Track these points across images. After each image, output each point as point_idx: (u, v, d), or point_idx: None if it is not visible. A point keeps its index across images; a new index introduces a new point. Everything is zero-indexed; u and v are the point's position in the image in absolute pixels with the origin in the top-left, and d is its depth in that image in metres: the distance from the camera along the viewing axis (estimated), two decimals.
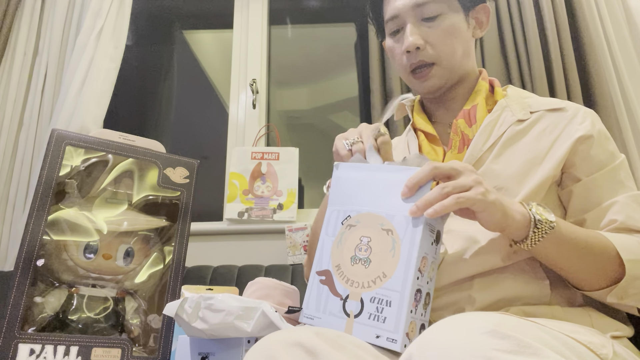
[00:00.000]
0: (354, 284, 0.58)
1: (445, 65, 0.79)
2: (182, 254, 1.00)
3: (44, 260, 0.90)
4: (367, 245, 0.60)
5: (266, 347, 0.50)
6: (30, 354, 0.82)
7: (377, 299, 0.56)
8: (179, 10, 2.31)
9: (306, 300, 0.63)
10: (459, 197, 0.56)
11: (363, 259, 0.59)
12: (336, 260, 0.62)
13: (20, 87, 1.81)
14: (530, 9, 1.66)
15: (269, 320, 0.71)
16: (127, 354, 0.89)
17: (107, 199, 0.99)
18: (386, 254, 0.57)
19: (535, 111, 0.78)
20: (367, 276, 0.58)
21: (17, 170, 1.72)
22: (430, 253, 0.58)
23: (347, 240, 0.62)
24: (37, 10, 1.89)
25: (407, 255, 0.56)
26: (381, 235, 0.59)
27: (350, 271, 0.60)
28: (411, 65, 0.80)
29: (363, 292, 0.57)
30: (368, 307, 0.56)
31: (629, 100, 1.60)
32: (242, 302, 0.73)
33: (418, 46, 0.78)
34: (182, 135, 2.24)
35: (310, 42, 2.26)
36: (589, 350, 0.49)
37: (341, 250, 0.62)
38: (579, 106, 0.78)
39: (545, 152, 0.73)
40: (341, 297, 0.59)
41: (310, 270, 0.80)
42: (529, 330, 0.44)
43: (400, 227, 0.57)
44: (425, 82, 0.80)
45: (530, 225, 0.60)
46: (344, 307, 0.58)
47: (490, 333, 0.41)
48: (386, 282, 0.56)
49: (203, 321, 0.73)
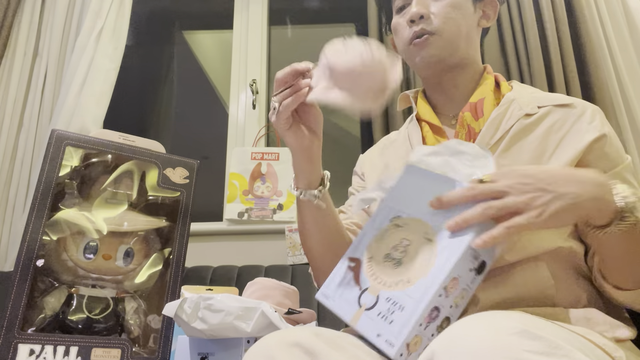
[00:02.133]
0: (377, 279, 0.59)
1: (446, 37, 0.78)
2: (182, 254, 1.00)
3: (43, 260, 0.90)
4: (405, 248, 0.59)
5: (265, 348, 0.50)
6: (30, 354, 0.82)
7: (393, 301, 0.55)
8: (179, 10, 2.31)
9: (330, 280, 0.63)
10: (509, 226, 0.51)
11: (395, 259, 0.59)
12: (371, 253, 0.62)
13: (20, 87, 1.81)
14: (530, 9, 1.66)
15: (269, 321, 0.71)
16: (127, 354, 0.89)
17: (107, 199, 0.99)
18: (419, 262, 0.56)
19: (543, 106, 0.76)
20: (392, 276, 0.58)
21: (17, 170, 1.72)
22: (465, 278, 0.55)
23: (389, 238, 0.62)
24: (37, 11, 1.89)
25: (438, 270, 0.54)
26: (421, 243, 0.58)
27: (379, 267, 0.60)
28: (414, 34, 0.79)
29: (382, 289, 0.57)
30: (381, 304, 0.56)
31: (629, 100, 1.60)
32: (241, 302, 0.73)
33: (422, 14, 0.78)
34: (182, 136, 2.24)
35: (310, 42, 2.25)
36: (605, 352, 0.48)
37: (379, 245, 0.62)
38: (586, 103, 0.77)
39: (553, 149, 0.72)
40: (360, 287, 0.59)
41: (319, 277, 0.81)
42: (556, 331, 0.43)
43: (442, 242, 0.56)
44: (423, 49, 0.79)
45: (617, 213, 0.55)
46: (360, 298, 0.58)
47: (520, 333, 0.40)
48: (408, 287, 0.55)
49: (202, 321, 0.73)
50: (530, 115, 0.75)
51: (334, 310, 0.61)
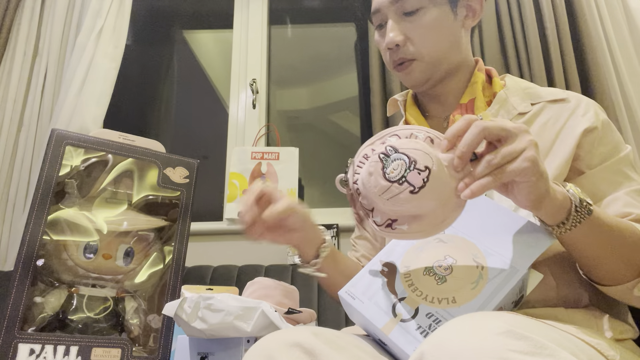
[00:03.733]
0: (417, 291, 0.57)
1: (427, 60, 0.77)
2: (182, 254, 1.00)
3: (44, 260, 0.90)
4: (450, 266, 0.58)
5: (265, 348, 0.50)
6: (30, 354, 0.82)
7: (435, 318, 0.54)
8: (179, 10, 2.31)
9: (356, 279, 0.62)
10: (502, 172, 0.49)
11: (439, 275, 0.57)
12: (408, 262, 0.60)
13: (20, 87, 1.81)
14: (530, 9, 1.66)
15: (269, 320, 0.71)
16: (127, 354, 0.89)
17: (107, 199, 0.99)
18: (466, 284, 0.55)
19: (536, 102, 0.75)
20: (435, 292, 0.56)
21: (17, 170, 1.72)
22: (505, 309, 0.55)
23: (429, 250, 0.60)
24: (37, 10, 1.89)
25: (487, 296, 0.53)
26: (470, 265, 0.57)
27: (418, 279, 0.58)
28: (393, 62, 0.79)
29: (423, 303, 0.56)
30: (421, 319, 0.54)
31: (629, 99, 1.60)
32: (241, 302, 0.73)
33: (397, 43, 0.76)
34: (182, 135, 2.24)
35: (310, 42, 2.25)
36: (597, 352, 0.48)
37: (417, 256, 0.60)
38: (581, 96, 0.76)
39: (549, 146, 0.71)
40: (397, 295, 0.58)
41: (332, 291, 0.79)
42: (544, 331, 0.43)
43: (494, 269, 0.55)
44: (408, 76, 0.79)
45: (571, 206, 0.54)
46: (394, 307, 0.57)
47: (506, 333, 0.40)
48: (453, 307, 0.54)
49: (202, 321, 0.73)
50: (523, 114, 0.74)
51: (361, 312, 0.59)
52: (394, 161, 0.51)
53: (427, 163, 0.50)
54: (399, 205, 0.51)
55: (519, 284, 0.54)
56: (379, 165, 0.52)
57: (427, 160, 0.50)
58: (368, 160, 0.55)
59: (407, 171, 0.50)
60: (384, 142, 0.56)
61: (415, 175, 0.50)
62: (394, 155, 0.52)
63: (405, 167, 0.50)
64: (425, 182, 0.50)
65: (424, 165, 0.50)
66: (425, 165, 0.50)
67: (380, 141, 0.57)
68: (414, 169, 0.50)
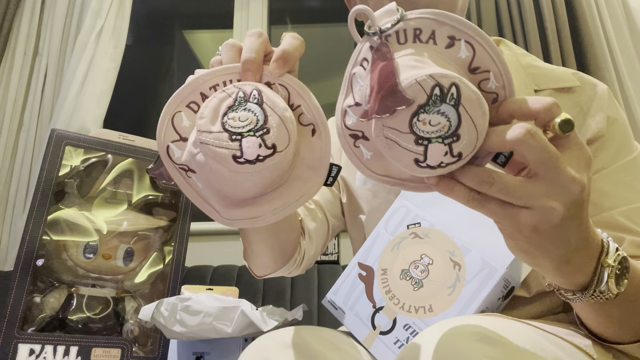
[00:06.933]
0: (394, 299, 0.53)
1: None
2: (182, 254, 1.00)
3: (43, 260, 0.90)
4: (426, 267, 0.53)
5: (260, 349, 0.50)
6: (30, 354, 0.82)
7: (412, 330, 0.50)
8: (179, 10, 2.31)
9: (337, 287, 0.59)
10: (501, 215, 0.34)
11: (415, 279, 0.53)
12: (385, 264, 0.56)
13: (20, 87, 1.81)
14: (531, 8, 1.66)
15: (249, 320, 0.69)
16: (127, 354, 0.89)
17: (107, 199, 0.99)
18: (443, 288, 0.51)
19: (540, 90, 0.64)
20: (412, 299, 0.52)
21: (17, 170, 1.72)
22: (491, 308, 0.50)
23: (406, 249, 0.55)
24: (37, 10, 1.89)
25: (465, 302, 0.49)
26: (446, 265, 0.52)
27: (395, 284, 0.54)
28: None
29: (400, 313, 0.52)
30: (399, 332, 0.51)
31: (629, 100, 1.60)
32: (220, 302, 0.72)
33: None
34: None
35: (310, 42, 2.25)
36: (586, 354, 0.48)
37: (395, 256, 0.56)
38: (593, 86, 0.63)
39: None
40: (374, 305, 0.54)
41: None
42: (525, 334, 0.42)
43: (472, 269, 0.50)
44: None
45: (593, 280, 0.38)
46: (373, 317, 0.54)
47: (480, 340, 0.39)
48: (430, 317, 0.50)
49: (181, 324, 0.71)
50: None
51: (344, 324, 0.57)
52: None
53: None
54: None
55: (500, 282, 0.49)
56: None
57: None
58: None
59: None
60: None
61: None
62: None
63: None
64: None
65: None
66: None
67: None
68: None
